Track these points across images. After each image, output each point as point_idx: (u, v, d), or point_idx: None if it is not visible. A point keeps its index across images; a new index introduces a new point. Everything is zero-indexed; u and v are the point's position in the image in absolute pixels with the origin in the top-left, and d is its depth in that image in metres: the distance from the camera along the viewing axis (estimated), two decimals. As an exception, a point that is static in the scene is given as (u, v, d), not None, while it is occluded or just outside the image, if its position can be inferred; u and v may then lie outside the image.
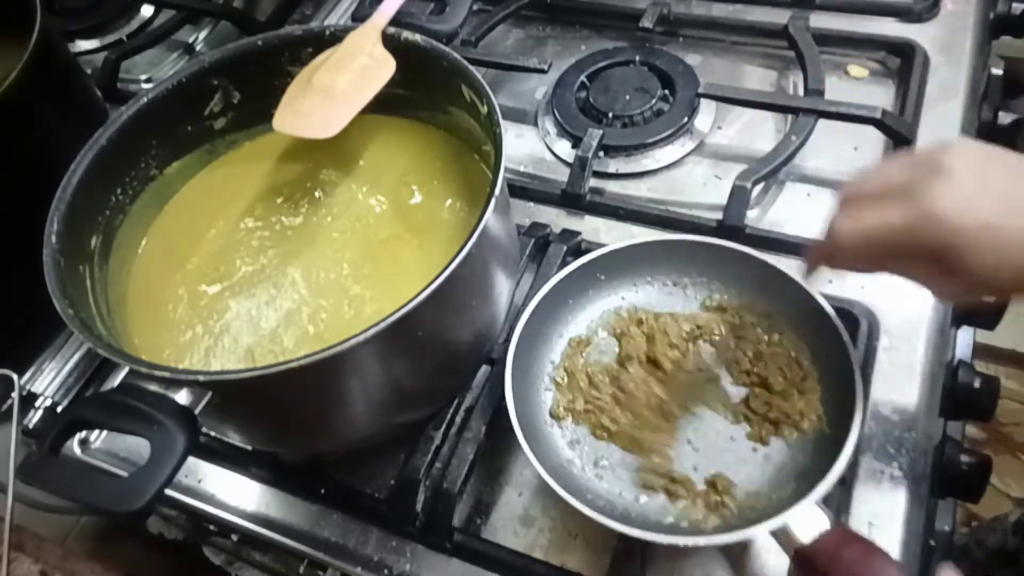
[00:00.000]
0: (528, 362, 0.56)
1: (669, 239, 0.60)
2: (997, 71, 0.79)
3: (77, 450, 0.63)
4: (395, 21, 0.60)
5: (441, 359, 0.53)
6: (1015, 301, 0.41)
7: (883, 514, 0.51)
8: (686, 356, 0.57)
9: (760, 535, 0.45)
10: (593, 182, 0.71)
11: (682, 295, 0.60)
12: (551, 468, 0.50)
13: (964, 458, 0.55)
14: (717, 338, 0.57)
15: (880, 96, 0.73)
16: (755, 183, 0.65)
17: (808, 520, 0.45)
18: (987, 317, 0.62)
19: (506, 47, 0.86)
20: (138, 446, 0.62)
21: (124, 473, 0.44)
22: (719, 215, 0.65)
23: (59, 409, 0.66)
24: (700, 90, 0.72)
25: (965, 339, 0.66)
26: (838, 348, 0.52)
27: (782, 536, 0.45)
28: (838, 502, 0.51)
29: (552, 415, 0.56)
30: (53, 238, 0.50)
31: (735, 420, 0.54)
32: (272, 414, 0.51)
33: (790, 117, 0.71)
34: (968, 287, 0.39)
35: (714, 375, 0.56)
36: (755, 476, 0.51)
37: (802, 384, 0.54)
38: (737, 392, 0.55)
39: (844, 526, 0.46)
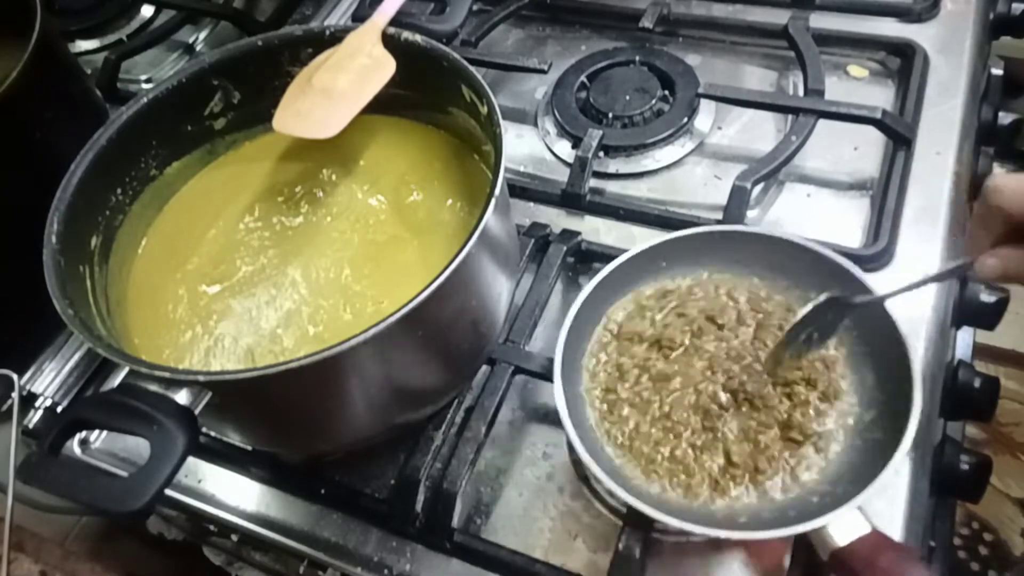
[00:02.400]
0: (576, 344, 0.56)
1: (731, 230, 0.59)
2: (997, 71, 0.79)
3: (77, 450, 0.64)
4: (395, 21, 0.60)
5: (441, 359, 0.53)
6: None
7: (883, 514, 0.51)
8: (716, 341, 0.56)
9: (798, 533, 0.45)
10: (593, 182, 0.71)
11: (728, 284, 0.59)
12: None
13: (964, 458, 0.55)
14: (745, 328, 0.56)
15: (880, 96, 0.73)
16: (755, 183, 0.65)
17: (847, 523, 0.45)
18: (987, 317, 0.62)
19: (506, 47, 0.86)
20: (138, 446, 0.62)
21: (124, 473, 0.44)
22: (719, 215, 0.65)
23: (59, 409, 0.66)
24: (700, 90, 0.72)
25: (965, 339, 0.66)
26: (895, 347, 0.50)
27: (819, 537, 0.45)
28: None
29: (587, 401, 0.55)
30: (53, 238, 0.50)
31: (768, 417, 0.52)
32: (272, 414, 0.51)
33: (790, 117, 0.71)
34: None
35: (747, 368, 0.54)
36: (802, 474, 0.50)
37: (828, 389, 0.53)
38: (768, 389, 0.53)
39: (881, 532, 0.45)
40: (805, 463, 0.50)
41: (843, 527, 0.45)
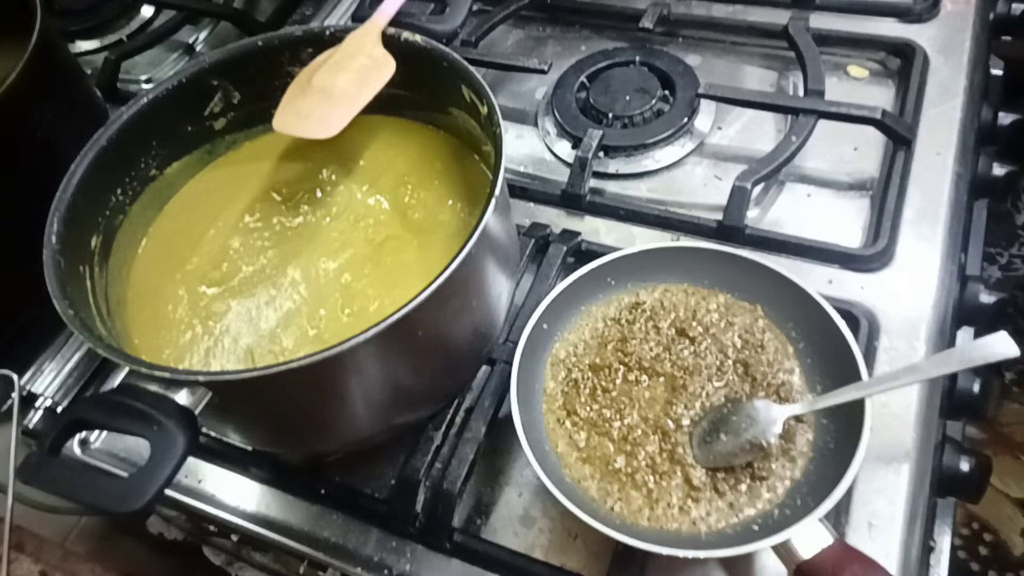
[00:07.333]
0: (533, 365, 0.56)
1: (681, 246, 0.60)
2: (997, 71, 0.79)
3: (77, 450, 0.64)
4: (395, 21, 0.60)
5: (441, 359, 0.53)
6: None
7: (883, 514, 0.51)
8: (675, 359, 0.56)
9: (762, 549, 0.45)
10: (593, 182, 0.71)
11: (683, 299, 0.59)
12: (550, 470, 0.50)
13: (964, 458, 0.55)
14: (704, 344, 0.56)
15: (880, 96, 0.73)
16: (755, 183, 0.65)
17: (810, 536, 0.44)
18: (987, 317, 0.62)
19: (506, 47, 0.86)
20: (138, 446, 0.62)
21: (124, 473, 0.44)
22: (719, 215, 0.65)
23: (59, 409, 0.66)
24: (700, 90, 0.72)
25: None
26: (847, 359, 0.51)
27: (783, 551, 0.45)
28: (838, 503, 0.51)
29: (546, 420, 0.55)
30: (53, 238, 0.50)
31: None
32: (272, 414, 0.51)
33: (790, 117, 0.71)
34: None
35: (701, 380, 0.55)
36: (761, 490, 0.50)
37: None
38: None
39: (846, 543, 0.45)
40: (764, 480, 0.50)
41: (806, 539, 0.44)
